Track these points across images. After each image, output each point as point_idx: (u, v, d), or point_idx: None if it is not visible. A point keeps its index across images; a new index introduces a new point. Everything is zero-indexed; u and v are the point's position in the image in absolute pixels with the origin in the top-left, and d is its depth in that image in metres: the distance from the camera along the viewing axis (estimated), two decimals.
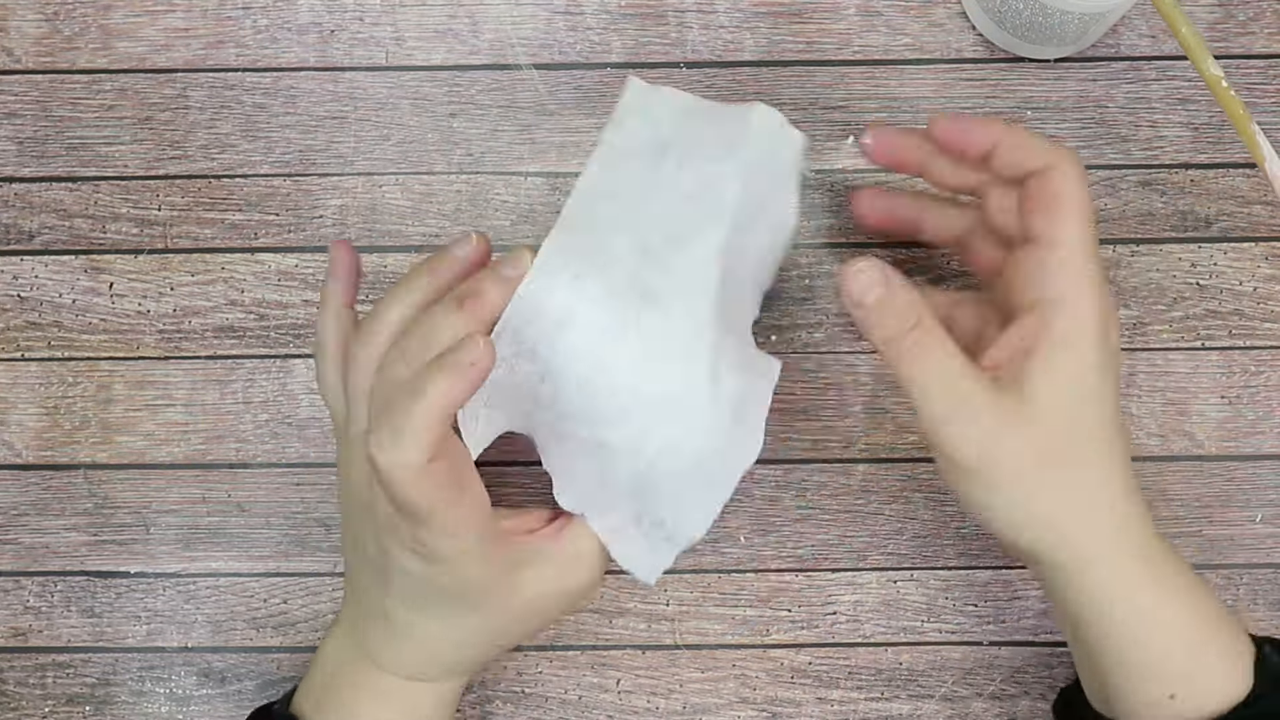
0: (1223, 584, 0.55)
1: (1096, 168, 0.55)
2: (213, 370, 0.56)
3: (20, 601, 0.55)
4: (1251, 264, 0.55)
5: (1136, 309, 0.55)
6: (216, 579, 0.55)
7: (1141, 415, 0.55)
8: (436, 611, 0.45)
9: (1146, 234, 0.55)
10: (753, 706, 0.55)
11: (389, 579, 0.44)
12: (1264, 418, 0.55)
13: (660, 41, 0.56)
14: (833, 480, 0.55)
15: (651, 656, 0.55)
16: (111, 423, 0.56)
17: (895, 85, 0.56)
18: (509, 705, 0.55)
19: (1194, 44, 0.48)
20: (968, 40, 0.56)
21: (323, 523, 0.55)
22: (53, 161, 0.56)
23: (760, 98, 0.56)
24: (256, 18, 0.57)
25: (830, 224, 0.55)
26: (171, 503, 0.55)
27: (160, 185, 0.56)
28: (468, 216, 0.56)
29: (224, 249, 0.56)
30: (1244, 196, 0.55)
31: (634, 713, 0.55)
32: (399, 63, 0.56)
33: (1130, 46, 0.56)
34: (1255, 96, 0.55)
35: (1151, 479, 0.55)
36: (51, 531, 0.55)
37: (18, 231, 0.56)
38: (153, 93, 0.56)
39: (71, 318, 0.56)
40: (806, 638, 0.55)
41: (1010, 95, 0.56)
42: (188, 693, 0.55)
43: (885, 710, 0.55)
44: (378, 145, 0.56)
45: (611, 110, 0.47)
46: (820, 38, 0.56)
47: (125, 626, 0.55)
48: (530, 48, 0.56)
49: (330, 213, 0.56)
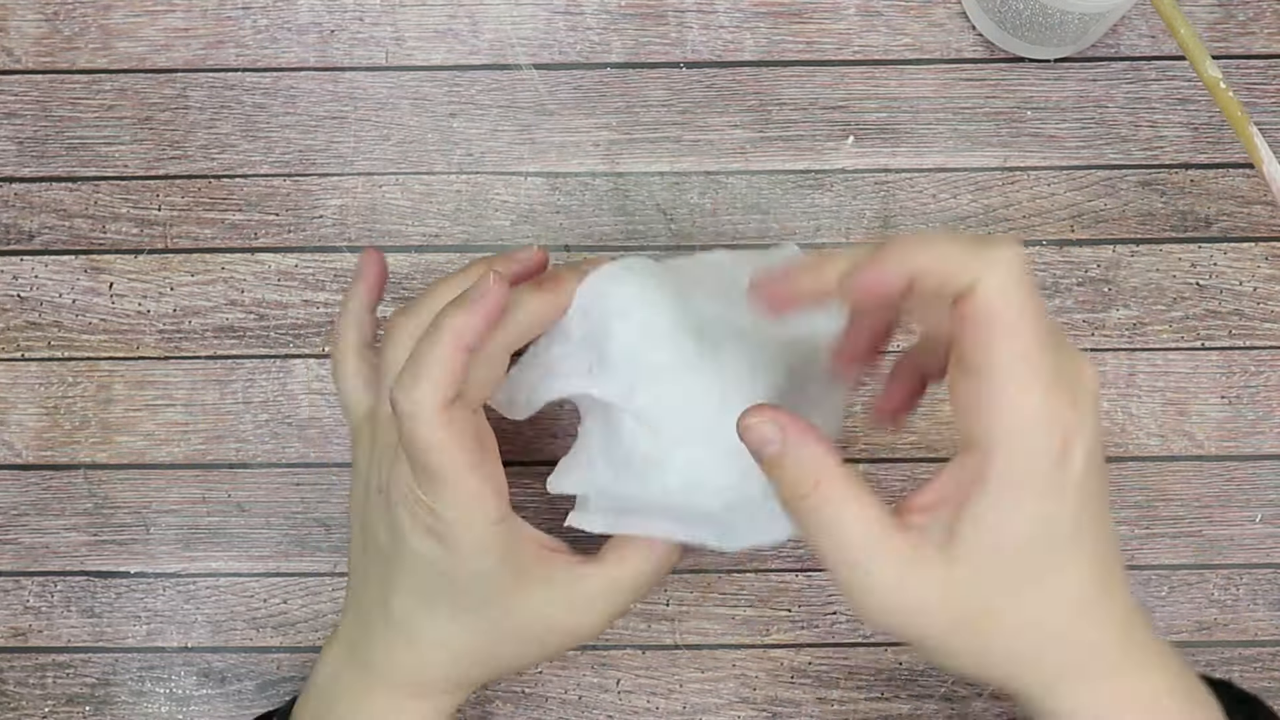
0: (1223, 584, 0.55)
1: (1096, 168, 0.55)
2: (213, 370, 0.56)
3: (20, 601, 0.55)
4: (1251, 264, 0.55)
5: (1136, 309, 0.55)
6: (216, 579, 0.55)
7: (1141, 415, 0.55)
8: (437, 608, 0.45)
9: (1146, 234, 0.55)
10: (753, 706, 0.55)
11: (396, 568, 0.44)
12: (1264, 418, 0.55)
13: (660, 41, 0.56)
14: None
15: (651, 656, 0.55)
16: (111, 423, 0.56)
17: (895, 85, 0.56)
18: (509, 705, 0.55)
19: (1192, 45, 0.48)
20: (968, 40, 0.56)
21: (323, 523, 0.55)
22: (53, 161, 0.56)
23: (760, 98, 0.56)
24: (256, 18, 0.57)
25: (830, 224, 0.55)
26: (171, 503, 0.55)
27: (160, 185, 0.56)
28: (468, 216, 0.56)
29: (224, 249, 0.56)
30: (1244, 196, 0.55)
31: (634, 713, 0.55)
32: (399, 63, 0.56)
33: (1130, 46, 0.56)
34: (1255, 97, 0.55)
35: (1151, 479, 0.55)
36: (51, 531, 0.55)
37: (18, 231, 0.56)
38: (153, 93, 0.56)
39: (71, 318, 0.56)
40: (806, 638, 0.55)
41: (1010, 95, 0.56)
42: (188, 693, 0.55)
43: (885, 710, 0.55)
44: (378, 145, 0.56)
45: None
46: (820, 38, 0.56)
47: (125, 626, 0.55)
48: (530, 48, 0.56)
49: (330, 213, 0.56)
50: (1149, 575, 0.55)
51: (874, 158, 0.56)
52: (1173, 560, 0.55)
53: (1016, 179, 0.56)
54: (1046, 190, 0.55)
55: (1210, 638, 0.55)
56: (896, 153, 0.56)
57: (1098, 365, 0.55)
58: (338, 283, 0.56)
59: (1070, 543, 0.38)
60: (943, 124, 0.56)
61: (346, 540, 0.55)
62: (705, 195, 0.56)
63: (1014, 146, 0.56)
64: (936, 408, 0.55)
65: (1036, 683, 0.39)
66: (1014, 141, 0.56)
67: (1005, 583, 0.38)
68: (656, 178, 0.56)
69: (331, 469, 0.55)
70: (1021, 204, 0.55)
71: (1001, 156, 0.56)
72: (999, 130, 0.56)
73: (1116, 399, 0.55)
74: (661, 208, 0.56)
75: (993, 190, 0.55)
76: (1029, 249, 0.55)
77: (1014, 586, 0.38)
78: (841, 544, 0.37)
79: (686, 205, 0.56)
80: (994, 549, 0.37)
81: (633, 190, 0.56)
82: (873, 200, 0.55)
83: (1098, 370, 0.48)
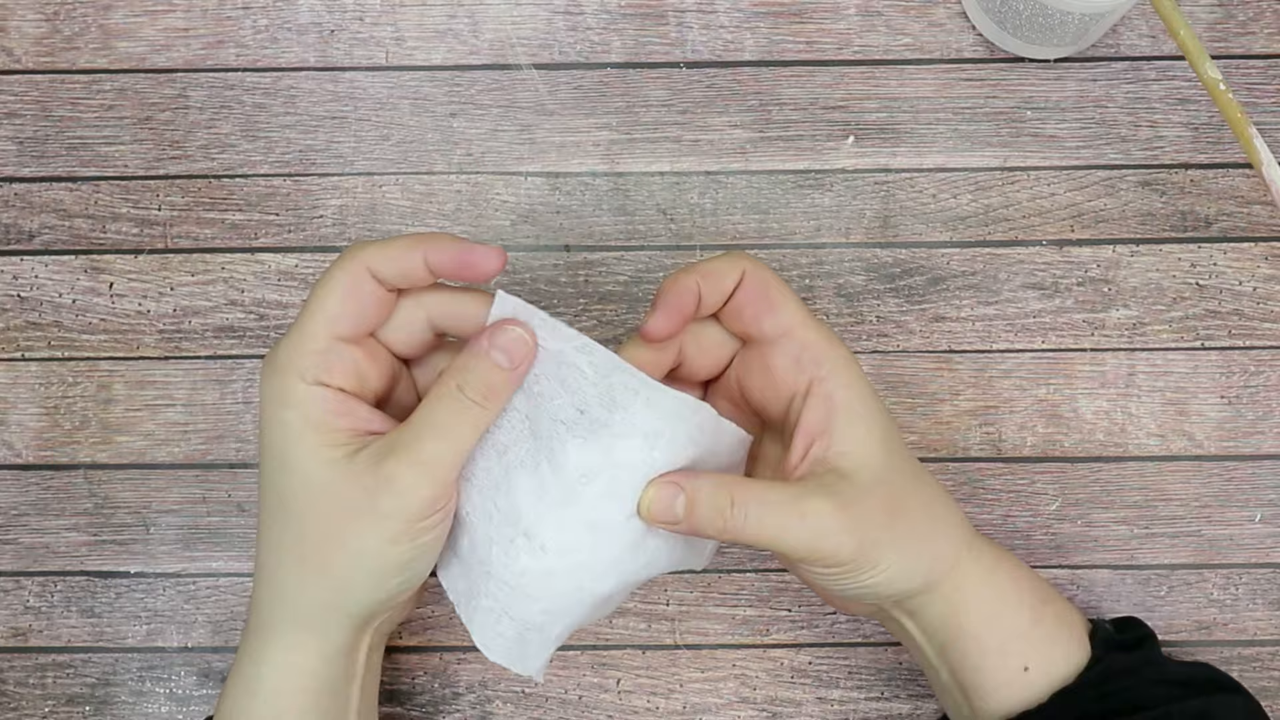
0: (1222, 584, 0.55)
1: (1096, 168, 0.55)
2: (213, 370, 0.56)
3: (20, 601, 0.55)
4: (1251, 264, 0.55)
5: (1136, 309, 0.55)
6: (216, 579, 0.55)
7: (1141, 415, 0.55)
8: (269, 522, 0.44)
9: (1146, 234, 0.55)
10: (753, 706, 0.55)
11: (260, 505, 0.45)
12: (1264, 418, 0.55)
13: (660, 41, 0.56)
14: None
15: (651, 656, 0.55)
16: (111, 423, 0.56)
17: (895, 85, 0.56)
18: (509, 705, 0.55)
19: (1192, 46, 0.48)
20: (968, 40, 0.56)
21: None
22: (53, 161, 0.56)
23: (760, 98, 0.56)
24: (256, 18, 0.57)
25: (830, 224, 0.55)
26: (171, 503, 0.55)
27: (160, 185, 0.56)
28: (468, 216, 0.56)
29: (224, 249, 0.56)
30: (1244, 196, 0.55)
31: (634, 713, 0.55)
32: (399, 63, 0.56)
33: (1130, 46, 0.56)
34: (1255, 97, 0.55)
35: (1151, 479, 0.55)
36: (51, 531, 0.55)
37: (18, 231, 0.56)
38: (153, 93, 0.56)
39: (71, 318, 0.56)
40: (806, 638, 0.55)
41: (1010, 95, 0.56)
42: (188, 693, 0.55)
43: (885, 710, 0.55)
44: (378, 145, 0.56)
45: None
46: (820, 38, 0.56)
47: (125, 626, 0.55)
48: (530, 48, 0.56)
49: (330, 213, 0.56)
50: (1149, 575, 0.55)
51: (874, 158, 0.56)
52: (1172, 560, 0.55)
53: (1016, 179, 0.56)
54: (1046, 190, 0.55)
55: (1209, 637, 0.55)
56: (896, 153, 0.56)
57: (1098, 365, 0.55)
58: None
59: (908, 458, 0.46)
60: (943, 124, 0.56)
61: None
62: (705, 195, 0.56)
63: (1014, 146, 0.56)
64: (936, 408, 0.55)
65: (931, 580, 0.45)
66: (1014, 141, 0.56)
67: (894, 482, 0.44)
68: (656, 178, 0.56)
69: None
70: (1021, 204, 0.55)
71: (1001, 156, 0.56)
72: (999, 130, 0.56)
73: (1116, 399, 0.55)
74: (661, 208, 0.56)
75: (993, 190, 0.56)
76: (1029, 249, 0.55)
77: (903, 482, 0.45)
78: (774, 522, 0.42)
79: (686, 205, 0.56)
80: (874, 449, 0.44)
81: (633, 190, 0.56)
82: (873, 200, 0.55)
83: None
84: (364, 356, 0.44)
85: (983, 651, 0.47)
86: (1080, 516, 0.55)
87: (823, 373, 0.44)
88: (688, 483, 0.42)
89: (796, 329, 0.45)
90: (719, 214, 0.55)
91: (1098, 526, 0.55)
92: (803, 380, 0.45)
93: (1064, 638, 0.47)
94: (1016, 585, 0.48)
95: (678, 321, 0.44)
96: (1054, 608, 0.48)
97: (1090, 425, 0.55)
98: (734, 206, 0.56)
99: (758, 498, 0.42)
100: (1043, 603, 0.48)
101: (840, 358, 0.45)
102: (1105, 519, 0.55)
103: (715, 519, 0.42)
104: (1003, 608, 0.47)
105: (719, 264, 0.45)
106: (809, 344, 0.45)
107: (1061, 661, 0.47)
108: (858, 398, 0.44)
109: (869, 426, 0.44)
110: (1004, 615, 0.47)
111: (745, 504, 0.42)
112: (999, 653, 0.47)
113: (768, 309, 0.45)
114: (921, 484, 0.46)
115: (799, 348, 0.45)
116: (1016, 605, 0.47)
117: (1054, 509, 0.55)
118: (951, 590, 0.46)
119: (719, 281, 0.45)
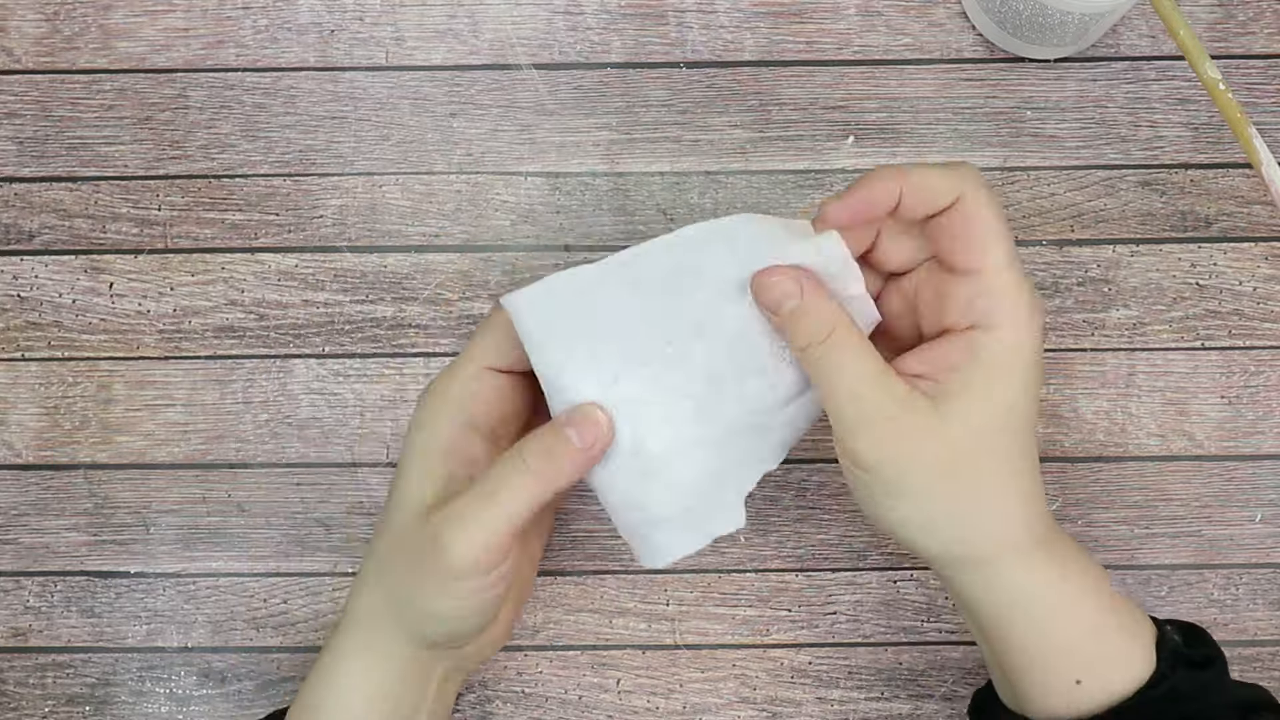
0: (1223, 584, 0.55)
1: (1096, 168, 0.55)
2: (213, 370, 0.56)
3: (20, 601, 0.55)
4: (1251, 264, 0.55)
5: (1136, 309, 0.55)
6: (216, 579, 0.55)
7: (1141, 415, 0.55)
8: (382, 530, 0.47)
9: (1146, 234, 0.55)
10: (753, 706, 0.55)
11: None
12: (1264, 418, 0.55)
13: (660, 41, 0.56)
14: (833, 480, 0.55)
15: (651, 656, 0.55)
16: (111, 423, 0.56)
17: (895, 85, 0.56)
18: (509, 705, 0.55)
19: (1192, 47, 0.48)
20: (968, 40, 0.56)
21: (323, 523, 0.55)
22: (53, 161, 0.56)
23: (760, 98, 0.56)
24: (256, 18, 0.57)
25: None
26: (171, 503, 0.55)
27: (160, 185, 0.56)
28: (468, 216, 0.56)
29: (224, 249, 0.56)
30: (1244, 196, 0.55)
31: (634, 713, 0.55)
32: (399, 63, 0.56)
33: (1130, 46, 0.56)
34: (1255, 97, 0.55)
35: (1151, 479, 0.55)
36: (51, 531, 0.55)
37: (18, 231, 0.56)
38: (153, 93, 0.56)
39: (71, 318, 0.56)
40: (806, 638, 0.55)
41: (1010, 95, 0.56)
42: (188, 693, 0.55)
43: (885, 710, 0.55)
44: (378, 145, 0.56)
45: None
46: (820, 38, 0.56)
47: (125, 626, 0.55)
48: (530, 48, 0.56)
49: (330, 213, 0.56)
50: (1149, 575, 0.55)
51: (874, 158, 0.56)
52: (1172, 560, 0.55)
53: (1016, 179, 0.56)
54: (1046, 190, 0.55)
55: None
56: (896, 153, 0.56)
57: (1098, 365, 0.55)
58: (338, 283, 0.56)
59: (1027, 434, 0.43)
60: (943, 124, 0.56)
61: (346, 540, 0.55)
62: (705, 195, 0.56)
63: (1014, 146, 0.56)
64: None
65: (979, 555, 0.44)
66: (1014, 141, 0.56)
67: (982, 449, 0.43)
68: (656, 178, 0.56)
69: (331, 469, 0.55)
70: (1021, 204, 0.55)
71: (1001, 156, 0.56)
72: (999, 130, 0.56)
73: (1116, 399, 0.55)
74: (661, 208, 0.56)
75: (993, 190, 0.55)
76: (1029, 249, 0.55)
77: (988, 453, 0.43)
78: (850, 379, 0.42)
79: (686, 205, 0.56)
80: (985, 416, 0.42)
81: (633, 190, 0.56)
82: None
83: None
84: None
85: (1029, 661, 0.45)
86: (1081, 516, 0.55)
87: (989, 322, 0.42)
88: (811, 293, 0.42)
89: (989, 273, 0.42)
90: (719, 214, 0.55)
91: (1098, 526, 0.55)
92: (964, 323, 0.43)
93: (1125, 652, 0.45)
94: (1079, 596, 0.45)
95: (858, 219, 0.43)
96: (1120, 619, 0.45)
97: (1090, 425, 0.55)
98: (734, 206, 0.55)
99: (854, 350, 0.42)
100: (1108, 613, 0.45)
101: (1016, 322, 0.42)
102: (1105, 519, 0.55)
103: (804, 335, 0.42)
104: (1055, 621, 0.44)
105: (936, 180, 0.42)
106: (993, 292, 0.42)
107: (1120, 677, 0.44)
108: (1005, 368, 0.42)
109: (996, 400, 0.42)
110: (1056, 628, 0.44)
111: (840, 346, 0.42)
112: (1043, 668, 0.45)
113: (967, 246, 0.43)
114: (1014, 468, 0.44)
115: (980, 292, 0.42)
116: (1072, 619, 0.45)
117: (1054, 509, 0.55)
118: (993, 576, 0.44)
119: (928, 197, 0.43)
